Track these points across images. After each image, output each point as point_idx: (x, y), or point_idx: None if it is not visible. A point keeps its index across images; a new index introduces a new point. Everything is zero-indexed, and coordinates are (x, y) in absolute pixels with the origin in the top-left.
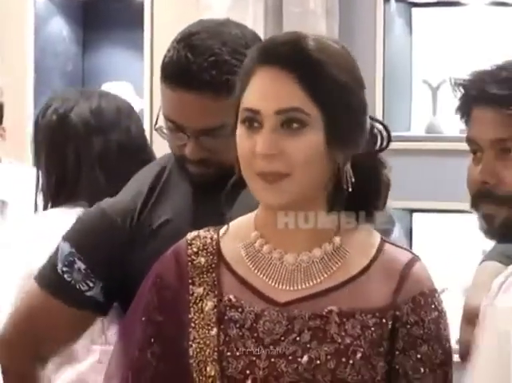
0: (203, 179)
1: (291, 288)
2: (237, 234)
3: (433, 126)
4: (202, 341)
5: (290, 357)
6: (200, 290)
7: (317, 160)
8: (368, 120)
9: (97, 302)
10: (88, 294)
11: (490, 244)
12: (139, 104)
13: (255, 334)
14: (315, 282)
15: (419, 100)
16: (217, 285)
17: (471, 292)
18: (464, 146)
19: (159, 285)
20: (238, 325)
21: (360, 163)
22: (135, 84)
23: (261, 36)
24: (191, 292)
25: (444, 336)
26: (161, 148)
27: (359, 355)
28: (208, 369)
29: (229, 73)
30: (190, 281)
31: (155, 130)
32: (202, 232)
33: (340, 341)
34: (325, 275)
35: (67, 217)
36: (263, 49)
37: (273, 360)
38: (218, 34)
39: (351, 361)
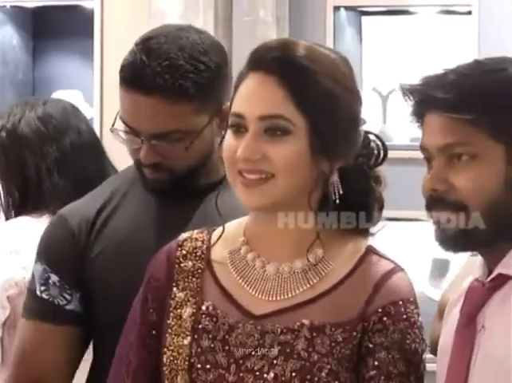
0: (157, 185)
1: (270, 299)
2: (227, 239)
3: (383, 134)
4: (175, 350)
5: (257, 373)
6: (182, 294)
7: (300, 167)
8: (363, 133)
9: (79, 315)
10: (68, 307)
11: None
12: (90, 112)
13: (226, 347)
14: (294, 293)
15: (369, 109)
16: (199, 291)
17: (448, 288)
18: (414, 154)
19: (152, 283)
20: (210, 336)
21: (352, 177)
22: (85, 92)
23: None
24: (173, 296)
25: (410, 348)
26: (113, 152)
27: (325, 372)
28: (178, 378)
29: (183, 78)
30: (174, 284)
31: (111, 131)
32: (195, 234)
33: (306, 357)
34: (305, 287)
35: (35, 226)
36: (253, 54)
37: (241, 375)
38: (176, 39)
39: (316, 379)
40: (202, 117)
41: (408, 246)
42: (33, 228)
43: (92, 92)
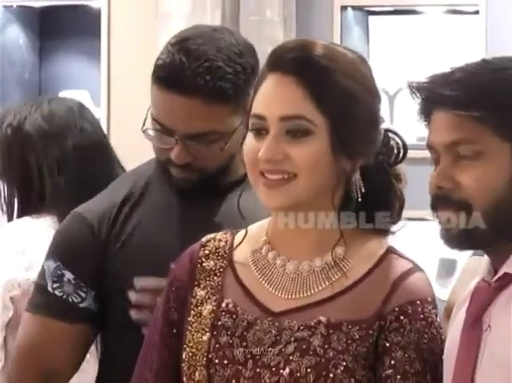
0: (185, 184)
1: (289, 296)
2: (250, 239)
3: None
4: (194, 346)
5: (274, 369)
6: (203, 293)
7: (322, 167)
8: (383, 132)
9: (92, 313)
10: (82, 305)
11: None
12: (96, 112)
13: (244, 343)
14: (313, 291)
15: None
16: (220, 289)
17: (455, 288)
18: (421, 154)
19: (174, 284)
20: (229, 333)
21: (373, 175)
22: (92, 92)
23: None
24: (194, 294)
25: (427, 348)
26: (120, 151)
27: (340, 369)
28: (197, 374)
29: (222, 80)
30: (196, 283)
31: (143, 132)
32: (218, 235)
33: (322, 353)
34: (323, 285)
35: (36, 226)
36: (272, 55)
37: (258, 370)
38: (213, 40)
39: (331, 375)
40: (236, 118)
41: (415, 246)
42: (34, 229)
43: (99, 92)
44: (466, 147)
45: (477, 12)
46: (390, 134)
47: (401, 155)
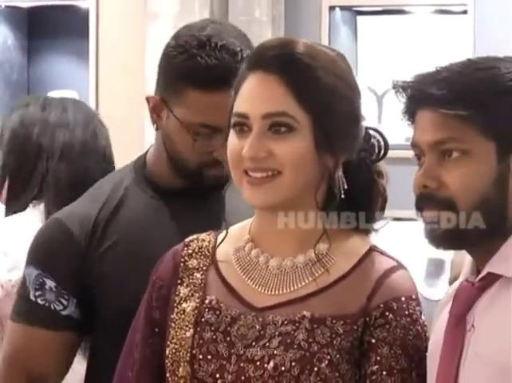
0: (217, 183)
1: (272, 292)
2: (232, 238)
3: None
4: (178, 342)
5: (258, 363)
6: (186, 290)
7: (305, 164)
8: (364, 129)
9: (75, 321)
10: (64, 313)
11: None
12: None
13: (228, 338)
14: (296, 287)
15: (365, 108)
16: (203, 286)
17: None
18: (409, 154)
19: (156, 284)
20: (212, 328)
21: (355, 171)
22: (80, 92)
23: None
24: (177, 292)
25: (413, 345)
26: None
27: (325, 363)
28: (180, 369)
29: None
30: (179, 281)
31: (194, 140)
32: (202, 235)
33: (306, 347)
34: (307, 281)
35: (22, 225)
36: (253, 54)
37: (242, 365)
38: (228, 31)
39: (315, 369)
40: None
41: (403, 246)
42: (18, 229)
43: (87, 92)
44: (452, 146)
45: (465, 12)
46: (371, 131)
47: (383, 152)
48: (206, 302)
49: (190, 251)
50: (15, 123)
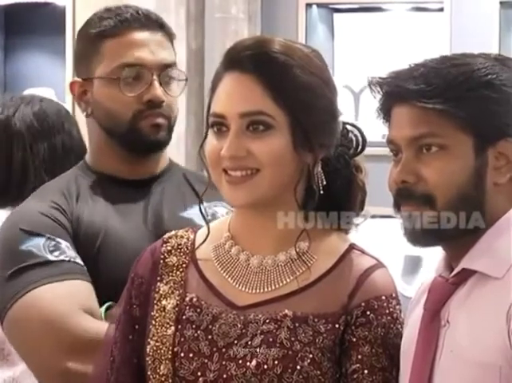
0: (153, 135)
1: (253, 291)
2: (212, 235)
3: None
4: (159, 340)
5: (240, 361)
6: (166, 287)
7: (284, 161)
8: (342, 124)
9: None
10: (84, 268)
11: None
12: None
13: (209, 336)
14: (277, 286)
15: (341, 106)
16: (183, 284)
17: (423, 281)
18: (386, 151)
19: (136, 281)
20: (194, 326)
21: (334, 167)
22: (56, 90)
23: (183, 42)
24: (157, 289)
25: (393, 343)
26: None
27: (307, 361)
28: (162, 367)
29: None
30: (159, 278)
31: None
32: (180, 232)
33: (289, 346)
34: (288, 280)
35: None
36: (227, 54)
37: (224, 363)
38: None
39: (298, 367)
40: None
41: (380, 243)
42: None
43: (64, 90)
44: (430, 141)
45: (441, 9)
46: (348, 126)
47: (361, 146)
48: (187, 299)
49: (169, 248)
50: None
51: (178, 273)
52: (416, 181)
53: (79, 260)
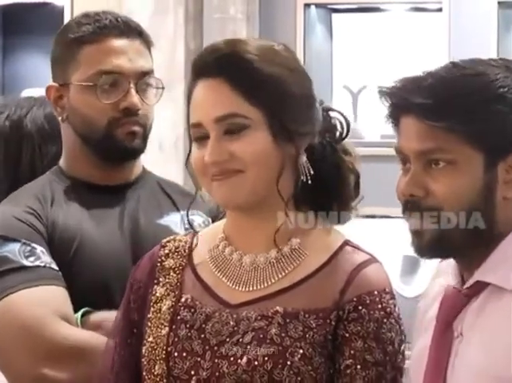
0: (128, 142)
1: (246, 289)
2: (208, 239)
3: (354, 132)
4: (154, 341)
5: (232, 359)
6: (162, 290)
7: (267, 158)
8: (322, 110)
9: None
10: (60, 273)
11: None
12: None
13: (202, 335)
14: (270, 283)
15: (340, 106)
16: (179, 286)
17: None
18: (385, 151)
19: (134, 285)
20: (188, 326)
21: (321, 155)
22: None
23: (182, 42)
24: (154, 292)
25: (387, 338)
26: None
27: (297, 357)
28: (156, 367)
29: None
30: (155, 281)
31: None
32: (178, 236)
33: (279, 342)
34: (280, 276)
35: None
36: (195, 63)
37: (216, 361)
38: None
39: (288, 363)
40: None
41: (379, 243)
42: None
43: None
44: (438, 156)
45: (440, 10)
46: (331, 112)
47: (345, 130)
48: (182, 300)
49: (166, 251)
50: (5, 136)
51: (174, 275)
52: (425, 195)
53: (54, 265)
